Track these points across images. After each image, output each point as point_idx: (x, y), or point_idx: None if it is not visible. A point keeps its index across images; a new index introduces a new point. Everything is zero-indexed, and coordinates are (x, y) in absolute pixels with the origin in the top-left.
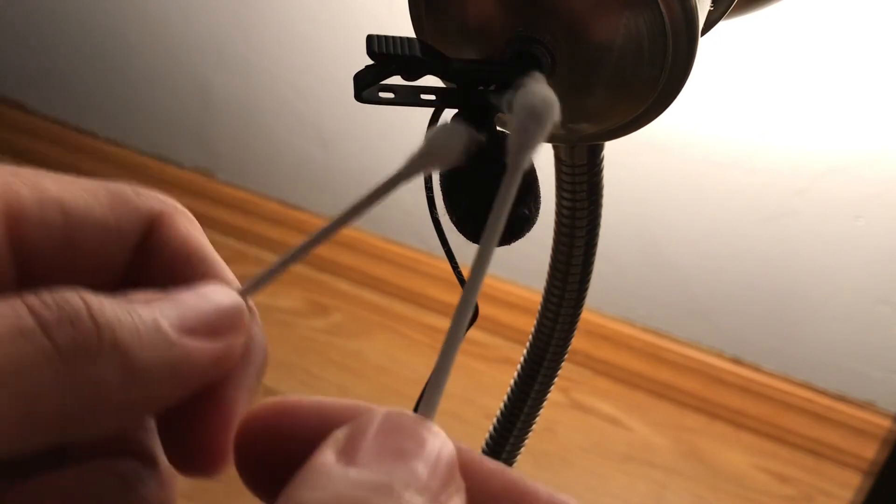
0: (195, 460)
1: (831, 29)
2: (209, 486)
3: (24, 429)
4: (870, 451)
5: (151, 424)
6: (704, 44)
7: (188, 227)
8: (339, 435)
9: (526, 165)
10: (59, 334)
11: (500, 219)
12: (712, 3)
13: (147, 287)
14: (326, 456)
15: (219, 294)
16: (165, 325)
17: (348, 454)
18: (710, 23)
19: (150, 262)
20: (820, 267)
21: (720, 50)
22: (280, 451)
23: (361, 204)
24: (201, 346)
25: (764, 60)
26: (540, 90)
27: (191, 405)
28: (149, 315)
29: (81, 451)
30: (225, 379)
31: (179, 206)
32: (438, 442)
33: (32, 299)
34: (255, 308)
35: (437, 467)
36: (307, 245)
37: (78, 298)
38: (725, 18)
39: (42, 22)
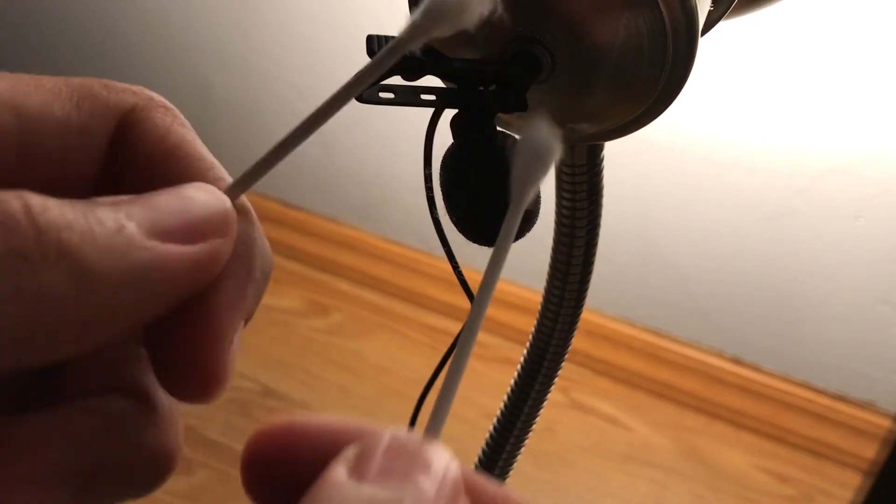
0: (187, 382)
1: (831, 29)
2: (210, 487)
3: None
4: (870, 451)
5: (143, 355)
6: (704, 44)
7: (168, 120)
8: (350, 453)
9: (528, 201)
10: None
11: (505, 247)
12: (712, 3)
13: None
14: (338, 472)
15: (200, 193)
16: (132, 227)
17: (359, 471)
18: (710, 23)
19: (127, 164)
20: (820, 267)
21: (720, 50)
22: (287, 471)
23: (370, 68)
24: (177, 251)
25: (764, 60)
26: (543, 133)
27: (176, 320)
28: (110, 217)
29: (66, 389)
30: (214, 289)
31: (157, 97)
32: (444, 462)
33: None
34: (250, 208)
35: (443, 486)
36: (305, 125)
37: (16, 200)
38: (725, 18)
39: (42, 22)
